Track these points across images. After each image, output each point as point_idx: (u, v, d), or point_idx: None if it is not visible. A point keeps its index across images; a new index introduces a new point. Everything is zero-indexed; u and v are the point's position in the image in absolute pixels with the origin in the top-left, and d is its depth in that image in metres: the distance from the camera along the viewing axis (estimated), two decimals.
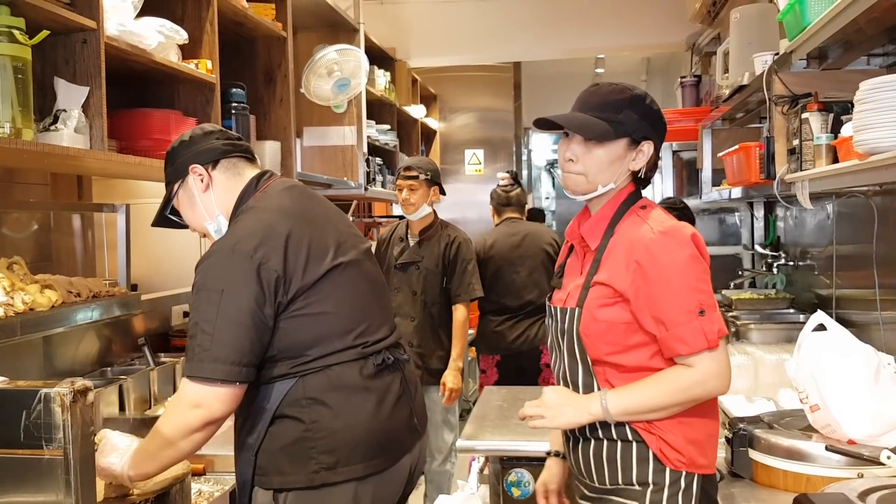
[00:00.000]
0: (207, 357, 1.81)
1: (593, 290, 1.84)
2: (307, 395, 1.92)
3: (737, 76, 3.54)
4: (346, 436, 1.93)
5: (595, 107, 1.89)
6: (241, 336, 1.84)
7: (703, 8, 5.35)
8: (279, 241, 1.90)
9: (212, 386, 1.81)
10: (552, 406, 1.86)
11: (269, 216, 1.97)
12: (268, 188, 2.07)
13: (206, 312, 1.84)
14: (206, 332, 1.82)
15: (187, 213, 2.09)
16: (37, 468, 1.38)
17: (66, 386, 1.36)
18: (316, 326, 1.93)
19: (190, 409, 1.83)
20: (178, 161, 2.06)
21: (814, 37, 2.34)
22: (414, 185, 3.93)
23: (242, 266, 1.85)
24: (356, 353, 1.98)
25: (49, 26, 2.06)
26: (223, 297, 1.84)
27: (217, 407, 1.83)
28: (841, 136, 2.27)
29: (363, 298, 2.05)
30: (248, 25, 3.32)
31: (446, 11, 6.61)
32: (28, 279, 2.24)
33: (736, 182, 3.47)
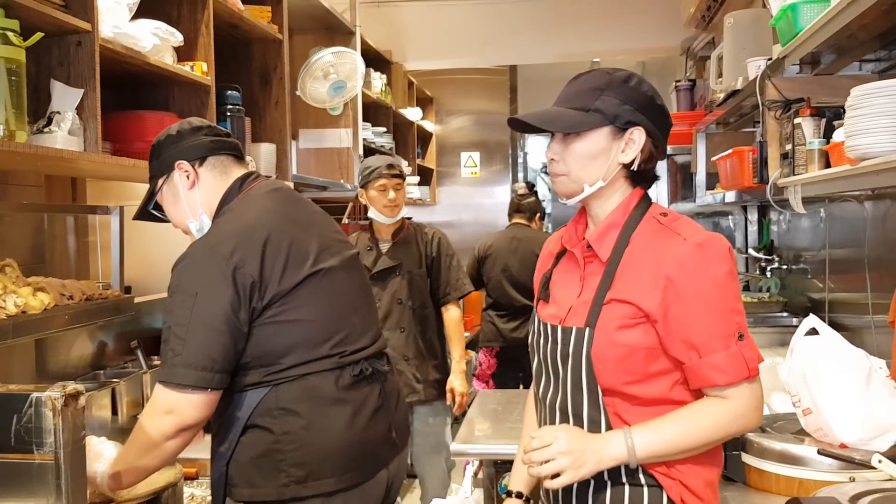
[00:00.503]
0: (179, 362, 1.77)
1: (609, 308, 1.58)
2: (280, 404, 1.86)
3: (730, 81, 3.55)
4: (318, 448, 1.87)
5: (570, 97, 1.70)
6: (215, 341, 1.79)
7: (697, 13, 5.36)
8: (257, 244, 1.85)
9: (184, 392, 1.77)
10: (571, 452, 1.51)
11: (248, 218, 1.92)
12: (252, 190, 2.02)
13: (180, 316, 1.80)
14: (179, 336, 1.78)
15: (170, 209, 2.05)
16: (27, 473, 1.37)
17: (57, 390, 1.36)
18: (291, 334, 1.88)
19: (162, 415, 1.79)
20: (164, 155, 2.02)
21: (806, 42, 2.35)
22: (399, 185, 3.61)
23: (218, 269, 1.81)
24: (333, 363, 1.92)
25: (43, 28, 2.05)
26: (197, 300, 1.79)
27: (189, 413, 1.78)
28: (833, 141, 2.28)
29: (343, 306, 1.98)
30: (244, 28, 3.32)
31: (443, 14, 6.62)
32: (20, 282, 2.23)
33: (730, 186, 3.48)
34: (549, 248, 1.84)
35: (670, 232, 1.59)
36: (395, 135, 6.09)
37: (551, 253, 1.81)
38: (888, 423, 1.90)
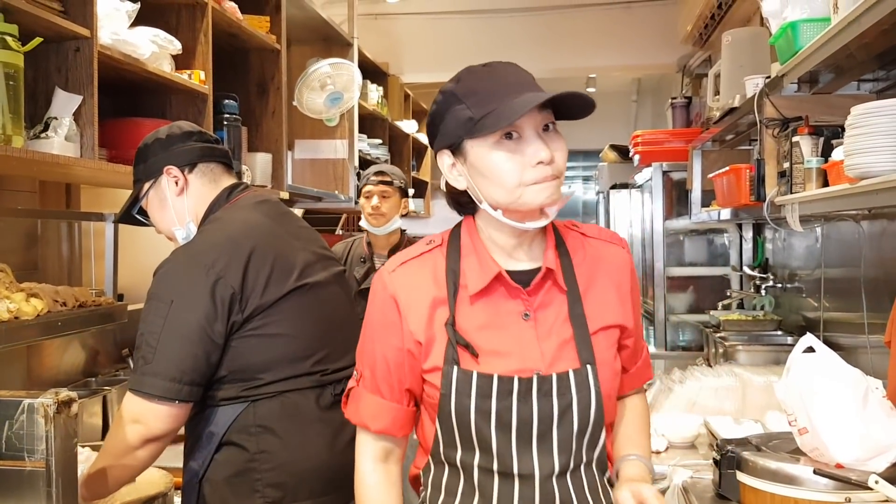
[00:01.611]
0: (148, 371, 1.72)
1: (598, 337, 1.46)
2: (257, 422, 1.81)
3: (728, 98, 3.56)
4: (295, 469, 1.82)
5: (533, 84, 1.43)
6: (185, 352, 1.73)
7: (694, 30, 5.40)
8: (241, 256, 1.81)
9: (150, 402, 1.72)
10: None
11: (234, 230, 1.88)
12: (239, 200, 1.98)
13: (153, 324, 1.75)
14: (150, 344, 1.73)
15: (156, 214, 2.00)
16: (18, 479, 1.35)
17: (49, 396, 1.34)
18: (271, 348, 1.83)
19: (130, 424, 1.74)
20: (152, 159, 1.96)
21: (805, 61, 2.35)
22: (387, 192, 3.41)
23: (197, 278, 1.76)
24: (314, 381, 1.87)
25: (42, 33, 2.05)
26: (172, 308, 1.74)
27: (156, 425, 1.73)
28: (831, 159, 2.28)
29: (326, 323, 1.94)
30: (242, 37, 3.32)
31: (440, 28, 6.64)
32: (14, 287, 2.21)
33: (726, 203, 3.48)
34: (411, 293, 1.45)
35: (598, 240, 1.56)
36: (390, 147, 6.10)
37: (434, 299, 1.44)
38: (885, 443, 1.89)
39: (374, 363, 1.50)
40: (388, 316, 1.46)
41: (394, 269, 1.49)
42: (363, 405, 1.52)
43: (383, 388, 1.49)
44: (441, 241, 1.50)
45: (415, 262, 1.49)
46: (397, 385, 1.48)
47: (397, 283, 1.47)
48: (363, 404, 1.52)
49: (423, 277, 1.46)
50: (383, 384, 1.49)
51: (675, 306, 5.10)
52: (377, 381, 1.50)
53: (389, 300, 1.46)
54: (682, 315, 5.06)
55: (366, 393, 1.52)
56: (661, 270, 4.98)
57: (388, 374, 1.48)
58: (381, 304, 1.48)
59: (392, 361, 1.47)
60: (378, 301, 1.49)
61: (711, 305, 4.55)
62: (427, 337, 1.43)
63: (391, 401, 1.49)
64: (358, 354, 1.54)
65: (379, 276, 1.50)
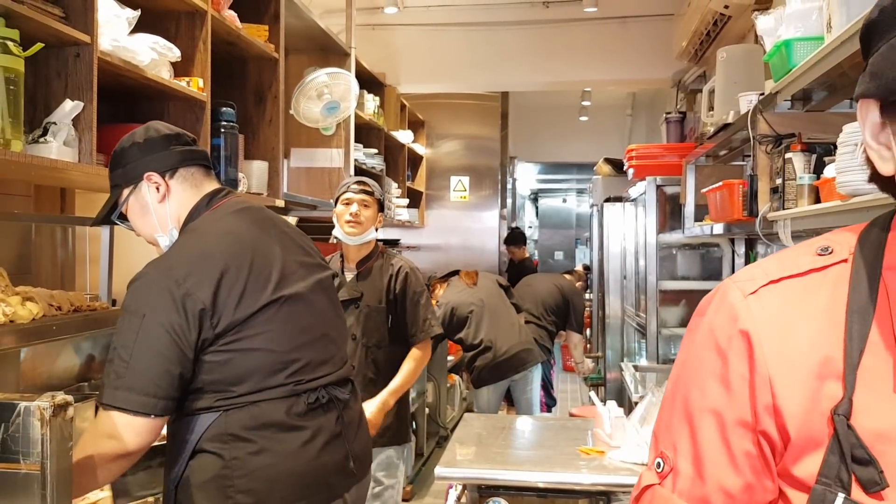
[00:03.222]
0: (122, 385, 1.69)
1: None
2: (229, 430, 1.80)
3: (721, 114, 3.59)
4: (267, 475, 1.81)
5: None
6: (160, 366, 1.71)
7: (689, 46, 5.44)
8: (213, 272, 1.78)
9: (126, 416, 1.69)
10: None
11: (208, 243, 1.85)
12: (220, 207, 1.95)
13: (125, 338, 1.72)
14: (123, 358, 1.70)
15: (137, 220, 1.96)
16: (12, 482, 1.36)
17: (46, 400, 1.35)
18: (245, 363, 1.81)
19: (104, 438, 1.70)
20: (131, 164, 1.92)
21: (799, 79, 2.38)
22: (367, 202, 3.28)
23: (168, 293, 1.74)
24: (286, 391, 1.86)
25: (43, 39, 2.06)
26: (144, 322, 1.72)
27: (131, 439, 1.70)
28: (823, 176, 2.30)
29: (304, 334, 1.92)
30: (241, 45, 3.33)
31: (437, 39, 6.67)
32: (9, 291, 2.22)
33: (719, 218, 3.50)
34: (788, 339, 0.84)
35: None
36: (386, 157, 6.12)
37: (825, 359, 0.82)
38: None
39: (696, 446, 0.88)
40: (733, 368, 0.85)
41: (755, 290, 0.87)
42: None
43: (716, 498, 0.86)
44: (846, 256, 0.86)
45: (796, 283, 0.86)
46: (742, 493, 0.85)
47: (761, 314, 0.85)
48: None
49: (811, 317, 0.84)
50: (717, 492, 0.86)
51: (668, 320, 5.12)
52: (705, 484, 0.87)
53: (739, 342, 0.85)
54: (674, 328, 5.09)
55: (676, 500, 0.89)
56: (654, 284, 5.01)
57: (729, 471, 0.85)
58: (720, 346, 0.87)
59: (736, 448, 0.85)
60: (714, 339, 0.88)
61: None
62: (802, 423, 0.81)
63: None
64: (659, 429, 0.95)
65: (723, 299, 0.89)
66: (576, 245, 14.69)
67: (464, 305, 4.91)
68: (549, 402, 7.18)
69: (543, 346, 5.46)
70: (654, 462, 0.92)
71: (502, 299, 5.09)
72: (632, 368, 4.73)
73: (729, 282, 0.90)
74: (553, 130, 10.66)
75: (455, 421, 6.13)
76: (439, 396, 6.04)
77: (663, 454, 0.91)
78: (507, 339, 4.88)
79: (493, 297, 5.03)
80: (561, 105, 10.08)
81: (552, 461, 2.82)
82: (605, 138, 10.16)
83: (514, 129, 8.96)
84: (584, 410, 5.13)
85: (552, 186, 14.92)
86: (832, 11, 2.07)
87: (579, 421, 3.65)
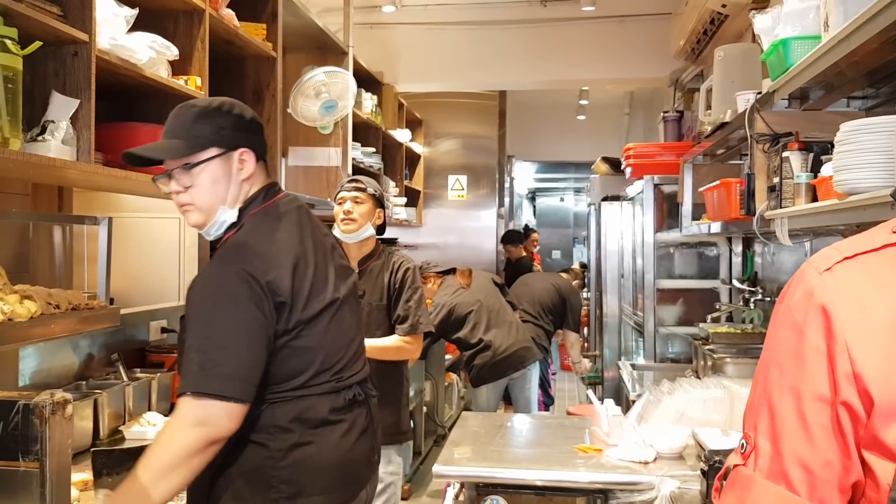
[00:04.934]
0: (217, 373, 1.73)
1: None
2: (276, 422, 1.86)
3: (719, 113, 3.59)
4: (308, 466, 1.88)
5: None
6: (253, 354, 1.78)
7: (687, 45, 5.44)
8: (287, 269, 1.85)
9: (221, 402, 1.72)
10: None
11: (279, 239, 1.90)
12: (277, 202, 1.99)
13: (217, 327, 1.76)
14: (218, 346, 1.75)
15: (206, 184, 1.90)
16: (12, 480, 1.36)
17: (45, 397, 1.35)
18: (300, 360, 1.88)
19: (191, 427, 1.72)
20: (229, 132, 1.92)
21: (796, 78, 2.38)
22: (360, 199, 3.27)
23: (254, 284, 1.79)
24: (330, 388, 1.94)
25: (41, 37, 2.06)
26: (236, 312, 1.77)
27: (224, 425, 1.74)
28: (820, 175, 2.31)
29: (344, 335, 2.01)
30: (239, 44, 3.33)
31: (435, 38, 6.67)
32: (8, 289, 2.22)
33: (716, 217, 3.51)
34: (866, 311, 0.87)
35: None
36: (383, 156, 6.12)
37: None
38: None
39: (774, 422, 0.89)
40: (809, 342, 0.87)
41: (830, 267, 0.89)
42: (755, 501, 0.89)
43: (793, 472, 0.87)
44: None
45: (871, 258, 0.89)
46: (821, 467, 0.85)
47: (836, 288, 0.87)
48: (755, 500, 0.89)
49: (887, 287, 0.86)
50: (794, 466, 0.87)
51: (665, 318, 5.13)
52: (782, 459, 0.88)
53: (815, 315, 0.87)
54: (671, 327, 5.09)
55: (761, 481, 0.89)
56: (652, 283, 5.01)
57: (805, 445, 0.86)
58: (797, 323, 0.89)
59: (813, 422, 0.86)
60: (791, 317, 0.90)
61: (700, 318, 4.58)
62: (885, 388, 0.82)
63: (810, 500, 0.86)
64: (745, 412, 0.96)
65: (800, 279, 0.91)
66: (573, 244, 14.69)
67: (462, 305, 4.91)
68: (546, 401, 7.19)
69: (541, 345, 5.46)
70: (739, 444, 0.94)
71: (499, 298, 5.09)
72: (629, 367, 4.74)
73: (805, 263, 0.92)
74: (551, 129, 10.66)
75: (453, 420, 6.14)
76: (437, 395, 6.05)
77: (746, 435, 0.93)
78: (505, 337, 4.88)
79: (491, 296, 5.04)
80: (559, 104, 10.08)
81: (550, 459, 2.83)
82: (603, 137, 10.16)
83: (512, 127, 8.96)
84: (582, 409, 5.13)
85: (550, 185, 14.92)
86: (829, 10, 2.08)
87: (577, 419, 3.66)
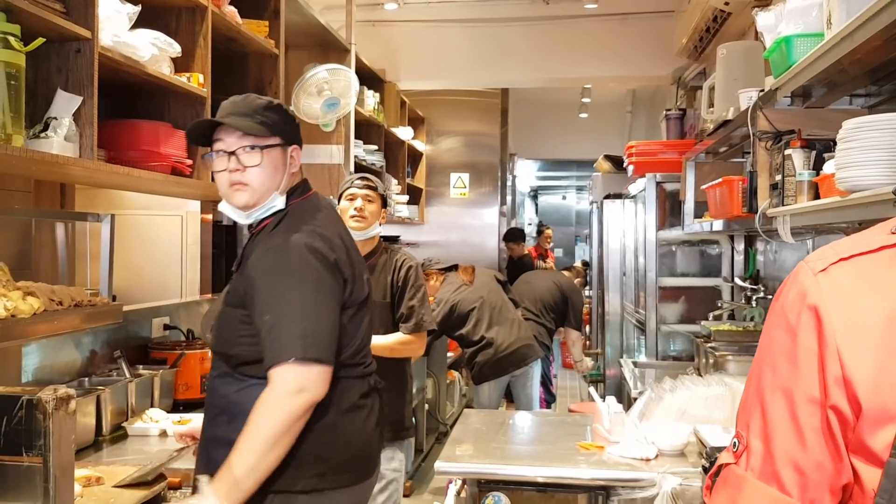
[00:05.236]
0: (315, 340, 1.85)
1: None
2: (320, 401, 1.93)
3: (721, 111, 3.59)
4: (338, 445, 1.97)
5: None
6: (334, 323, 1.92)
7: (689, 43, 5.44)
8: (343, 253, 2.01)
9: (319, 366, 1.84)
10: None
11: (328, 230, 2.03)
12: (311, 198, 2.12)
13: (308, 299, 1.89)
14: (310, 316, 1.87)
15: (266, 170, 2.00)
16: (15, 475, 1.36)
17: (49, 393, 1.35)
18: (346, 340, 2.00)
19: (296, 394, 1.82)
20: (291, 129, 2.08)
21: (799, 75, 2.38)
22: (371, 197, 3.28)
23: (327, 260, 1.93)
24: (359, 373, 2.06)
25: (44, 34, 2.06)
26: (318, 283, 1.90)
27: (321, 389, 1.85)
28: (823, 173, 2.31)
29: (368, 326, 2.13)
30: (241, 41, 3.34)
31: (437, 36, 6.67)
32: (11, 285, 2.22)
33: (718, 215, 3.51)
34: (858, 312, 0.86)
35: None
36: (385, 153, 6.12)
37: None
38: None
39: (766, 423, 0.90)
40: (801, 344, 0.87)
41: (825, 268, 0.89)
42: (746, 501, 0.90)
43: (785, 474, 0.88)
44: None
45: (867, 260, 0.88)
46: (813, 469, 0.86)
47: (830, 290, 0.87)
48: (747, 500, 0.90)
49: (881, 291, 0.85)
50: (786, 467, 0.88)
51: (667, 316, 5.13)
52: (774, 459, 0.88)
53: (808, 317, 0.87)
54: (673, 325, 5.09)
55: (753, 481, 0.90)
56: (654, 280, 5.02)
57: (797, 447, 0.87)
58: (790, 323, 0.89)
59: (805, 424, 0.87)
60: (784, 317, 0.90)
61: (702, 316, 4.58)
62: (874, 393, 0.82)
63: (801, 501, 0.87)
64: (738, 411, 0.97)
65: (795, 279, 0.91)
66: (575, 242, 14.69)
67: (465, 302, 4.91)
68: (548, 399, 7.19)
69: (542, 342, 5.46)
70: (731, 442, 0.95)
71: (501, 295, 5.09)
72: (631, 365, 4.74)
73: (801, 263, 0.92)
74: (553, 127, 10.66)
75: (454, 417, 6.14)
76: (439, 392, 6.05)
77: (739, 434, 0.94)
78: (507, 334, 4.88)
79: (493, 293, 5.04)
80: (561, 102, 10.07)
81: (551, 456, 2.83)
82: (605, 135, 10.15)
83: (514, 125, 8.95)
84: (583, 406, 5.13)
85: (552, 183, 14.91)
86: (832, 8, 2.08)
87: (578, 416, 3.66)
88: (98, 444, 2.67)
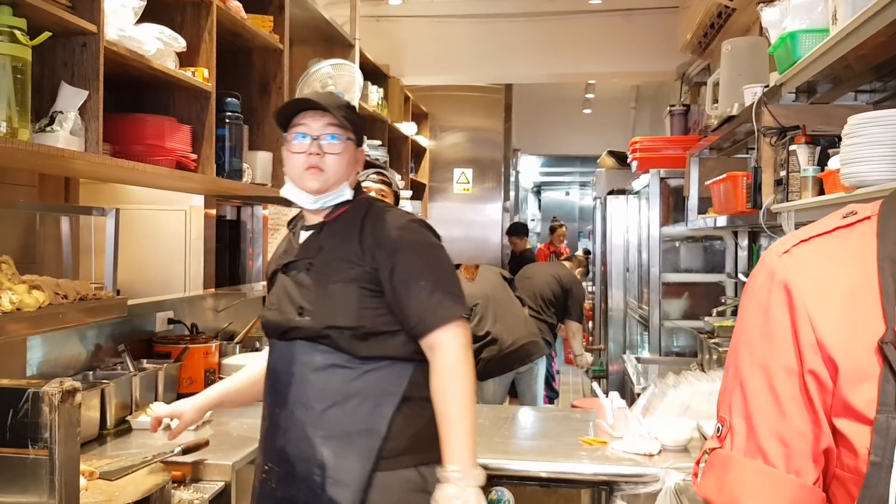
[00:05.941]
0: (460, 301, 2.01)
1: None
2: (424, 379, 1.99)
3: (726, 107, 3.59)
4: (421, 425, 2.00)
5: None
6: None
7: (694, 38, 5.43)
8: None
9: (467, 322, 2.00)
10: None
11: None
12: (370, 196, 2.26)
13: (443, 265, 2.07)
14: (452, 279, 2.04)
15: (343, 162, 2.11)
16: (21, 468, 1.37)
17: (54, 385, 1.36)
18: None
19: (468, 348, 1.97)
20: (362, 133, 2.21)
21: (803, 71, 2.38)
22: (385, 192, 3.31)
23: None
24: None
25: (50, 28, 2.07)
26: (443, 252, 2.11)
27: (469, 338, 2.00)
28: (827, 168, 2.31)
29: None
30: (246, 36, 3.33)
31: (441, 31, 6.67)
32: (16, 279, 2.23)
33: (722, 210, 3.51)
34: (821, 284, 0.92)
35: None
36: (389, 148, 6.12)
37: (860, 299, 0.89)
38: None
39: (746, 400, 0.93)
40: (774, 318, 0.91)
41: (787, 250, 0.94)
42: (735, 479, 0.92)
43: (769, 446, 0.90)
44: (869, 214, 0.94)
45: (825, 239, 0.94)
46: (795, 438, 0.89)
47: (795, 266, 0.92)
48: (735, 478, 0.92)
49: (841, 264, 0.91)
50: (769, 439, 0.90)
51: (670, 312, 5.13)
52: (757, 434, 0.91)
53: (778, 292, 0.92)
54: (676, 321, 5.10)
55: (739, 458, 0.92)
56: (657, 276, 5.02)
57: (778, 418, 0.89)
58: (761, 303, 0.93)
59: (783, 394, 0.89)
60: (755, 299, 0.95)
61: (706, 312, 4.58)
62: (847, 353, 0.87)
63: (787, 471, 0.89)
64: (719, 398, 0.99)
65: (761, 264, 0.97)
66: (579, 238, 14.69)
67: (469, 298, 4.90)
68: (550, 395, 7.19)
69: (545, 338, 5.46)
70: (714, 428, 0.97)
71: (507, 292, 5.09)
72: (634, 360, 4.74)
73: (765, 251, 0.98)
74: (557, 123, 10.65)
75: None
76: None
77: (721, 418, 0.96)
78: (512, 331, 4.88)
79: (498, 289, 5.03)
80: (565, 97, 10.06)
81: (555, 451, 2.83)
82: (609, 131, 10.15)
83: (518, 121, 8.95)
84: (587, 402, 5.14)
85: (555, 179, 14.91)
86: (837, 3, 2.07)
87: (582, 412, 3.66)
88: (102, 438, 2.68)
